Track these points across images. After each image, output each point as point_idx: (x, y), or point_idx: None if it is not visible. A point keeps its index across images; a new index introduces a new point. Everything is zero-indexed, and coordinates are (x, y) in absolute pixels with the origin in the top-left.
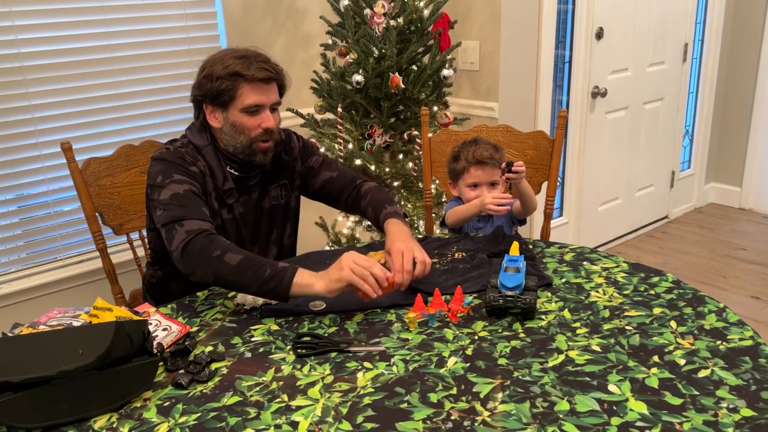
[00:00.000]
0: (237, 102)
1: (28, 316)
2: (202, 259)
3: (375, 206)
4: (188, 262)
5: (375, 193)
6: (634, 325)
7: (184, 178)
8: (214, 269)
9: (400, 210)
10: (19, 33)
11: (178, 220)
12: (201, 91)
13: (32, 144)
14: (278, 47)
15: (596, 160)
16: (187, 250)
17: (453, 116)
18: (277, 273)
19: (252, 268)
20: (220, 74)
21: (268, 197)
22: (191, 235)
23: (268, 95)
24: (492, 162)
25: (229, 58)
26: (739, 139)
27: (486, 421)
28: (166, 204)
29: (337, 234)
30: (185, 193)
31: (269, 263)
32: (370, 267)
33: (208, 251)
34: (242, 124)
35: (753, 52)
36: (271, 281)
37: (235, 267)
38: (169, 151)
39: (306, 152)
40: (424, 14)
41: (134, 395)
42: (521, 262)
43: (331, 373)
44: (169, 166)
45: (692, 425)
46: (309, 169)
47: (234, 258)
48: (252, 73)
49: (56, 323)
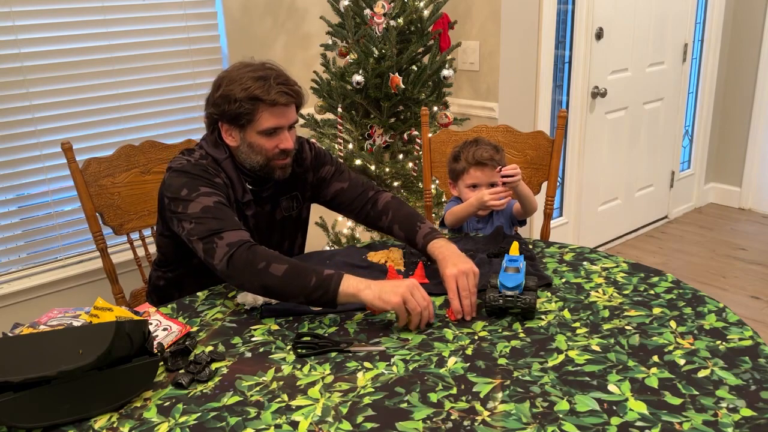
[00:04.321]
0: (255, 125)
1: (28, 316)
2: (249, 271)
3: (403, 224)
4: (236, 275)
5: (396, 209)
6: (634, 325)
7: (211, 191)
8: (261, 281)
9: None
10: (19, 33)
11: (216, 233)
12: (217, 111)
13: (33, 144)
14: (278, 47)
15: (596, 160)
16: (233, 263)
17: (453, 116)
18: (322, 281)
19: (297, 278)
20: (239, 97)
21: (279, 209)
22: (233, 248)
23: (287, 117)
24: (492, 163)
25: (248, 79)
26: (738, 139)
27: (486, 421)
28: (199, 218)
29: (337, 234)
30: (216, 205)
31: (314, 271)
32: (425, 306)
33: (254, 263)
34: (260, 146)
35: (753, 52)
36: (318, 290)
37: (280, 278)
38: (191, 163)
39: (318, 162)
40: (424, 14)
41: (134, 395)
42: (521, 262)
43: (331, 373)
44: (194, 179)
45: (692, 425)
46: (321, 180)
47: (279, 268)
48: (273, 97)
49: (56, 323)
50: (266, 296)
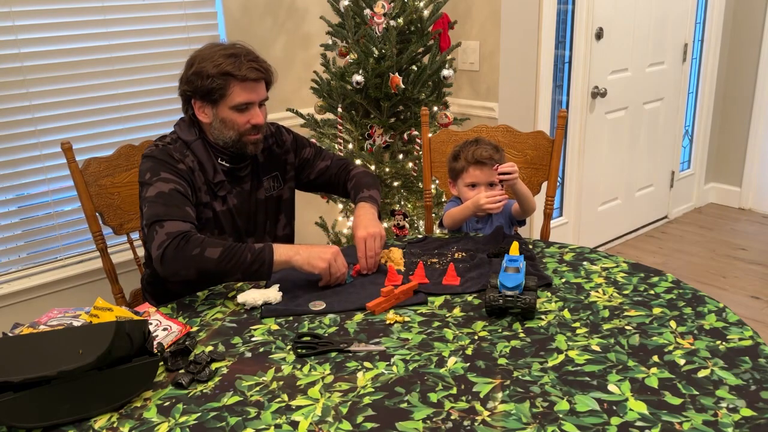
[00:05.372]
0: (227, 100)
1: (28, 316)
2: (182, 259)
3: (356, 189)
4: (168, 266)
5: (360, 177)
6: (634, 325)
7: (170, 177)
8: (196, 266)
9: (377, 194)
10: (19, 33)
11: (159, 221)
12: (190, 87)
13: (32, 144)
14: (278, 47)
15: (596, 160)
16: (167, 253)
17: (453, 116)
18: (257, 256)
19: (234, 257)
20: (211, 73)
21: (262, 189)
22: (170, 238)
23: (257, 93)
24: (491, 162)
25: (219, 56)
26: (738, 139)
27: (486, 421)
28: (151, 202)
29: (337, 234)
30: (170, 192)
31: (247, 248)
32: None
33: (187, 251)
34: (232, 120)
35: (753, 52)
36: (255, 263)
37: (217, 260)
38: (158, 148)
39: (298, 145)
40: (424, 14)
41: (134, 395)
42: (521, 262)
43: (331, 373)
44: (157, 163)
45: (692, 425)
46: (304, 161)
47: (214, 252)
48: (243, 73)
49: (56, 323)
50: (202, 281)
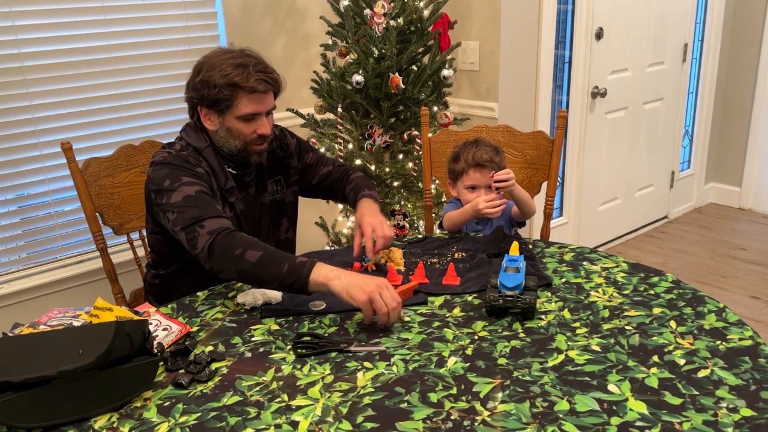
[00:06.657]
0: (234, 110)
1: (28, 316)
2: (227, 258)
3: (356, 189)
4: (216, 262)
5: (359, 180)
6: (634, 325)
7: (193, 180)
8: (237, 267)
9: (377, 196)
10: (19, 33)
11: (197, 221)
12: (197, 95)
13: (32, 144)
14: (278, 47)
15: (596, 160)
16: (213, 250)
17: (453, 116)
18: (294, 269)
19: (271, 265)
20: (218, 83)
21: (266, 192)
22: (213, 235)
23: (265, 104)
24: (491, 165)
25: (227, 65)
26: (738, 139)
27: (486, 421)
28: (181, 207)
29: (337, 234)
30: (197, 194)
31: (288, 259)
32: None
33: (231, 249)
34: (238, 130)
35: (753, 52)
36: (290, 277)
37: (254, 264)
38: (172, 155)
39: (302, 149)
40: (424, 14)
41: (134, 395)
42: (521, 262)
43: (331, 373)
44: (176, 169)
45: (692, 425)
46: (307, 166)
47: (254, 255)
48: (251, 84)
49: (56, 323)
50: (243, 282)
